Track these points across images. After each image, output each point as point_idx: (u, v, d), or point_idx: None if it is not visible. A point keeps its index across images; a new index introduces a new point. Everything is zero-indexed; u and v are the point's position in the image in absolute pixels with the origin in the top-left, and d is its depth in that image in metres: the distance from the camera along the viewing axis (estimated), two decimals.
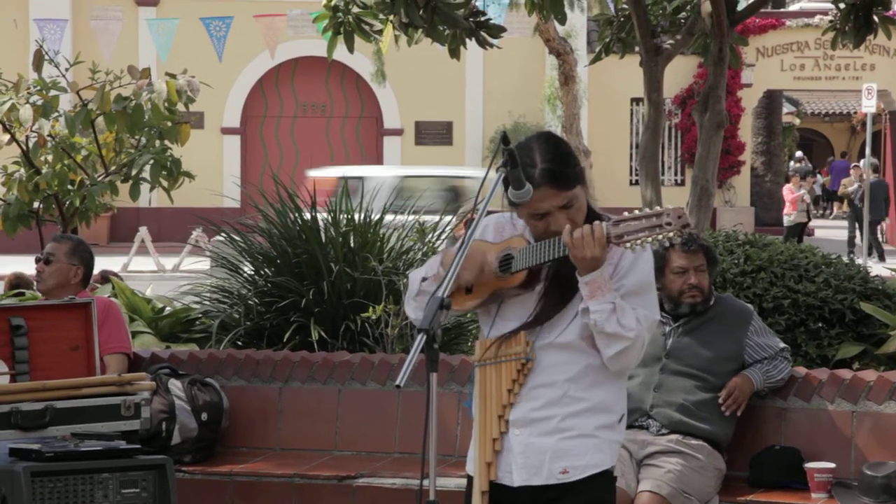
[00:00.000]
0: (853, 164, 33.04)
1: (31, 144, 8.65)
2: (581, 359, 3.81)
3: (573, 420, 3.80)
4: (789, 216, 27.03)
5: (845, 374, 5.94)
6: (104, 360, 6.47)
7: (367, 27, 8.83)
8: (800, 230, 27.73)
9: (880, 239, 27.92)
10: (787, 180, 28.60)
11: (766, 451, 5.76)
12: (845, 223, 28.73)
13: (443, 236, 8.40)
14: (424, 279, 3.94)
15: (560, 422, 3.80)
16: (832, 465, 5.53)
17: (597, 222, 3.72)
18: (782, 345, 5.86)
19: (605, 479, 3.85)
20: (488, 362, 3.87)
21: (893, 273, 8.36)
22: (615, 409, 3.89)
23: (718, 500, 5.61)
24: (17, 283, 9.66)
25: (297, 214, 8.01)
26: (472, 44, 8.95)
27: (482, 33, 8.90)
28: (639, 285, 3.82)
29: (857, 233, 27.45)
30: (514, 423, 3.82)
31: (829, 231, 30.67)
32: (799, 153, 43.30)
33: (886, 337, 6.76)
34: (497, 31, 9.02)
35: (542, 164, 3.79)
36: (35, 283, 6.72)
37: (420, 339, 3.58)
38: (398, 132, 28.99)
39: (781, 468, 5.68)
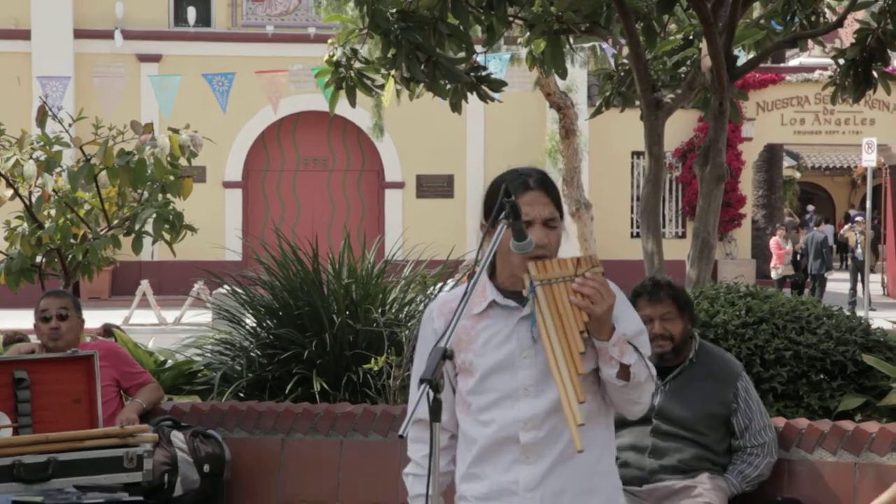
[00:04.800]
0: (856, 217, 33.18)
1: (34, 199, 8.68)
2: (582, 408, 3.78)
3: (581, 474, 3.77)
4: (776, 269, 27.65)
5: (848, 425, 5.93)
6: (139, 395, 6.57)
7: (368, 82, 8.89)
8: (801, 282, 27.96)
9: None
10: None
11: None
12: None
13: (445, 288, 8.41)
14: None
15: (569, 478, 3.76)
16: None
17: (587, 273, 3.71)
18: (765, 438, 5.73)
19: None
20: (555, 280, 3.72)
21: (895, 325, 8.36)
22: (612, 450, 3.89)
23: None
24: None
25: (298, 267, 8.04)
26: (473, 98, 9.00)
27: (483, 87, 8.96)
28: (637, 330, 3.80)
29: (859, 285, 27.57)
30: (524, 488, 3.76)
31: (842, 284, 30.69)
32: (811, 206, 43.47)
33: (888, 389, 6.75)
34: (498, 85, 9.07)
35: (537, 175, 3.82)
36: (50, 340, 6.65)
37: (423, 390, 3.57)
38: (399, 185, 29.07)
39: None
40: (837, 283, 31.12)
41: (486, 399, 3.80)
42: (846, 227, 32.83)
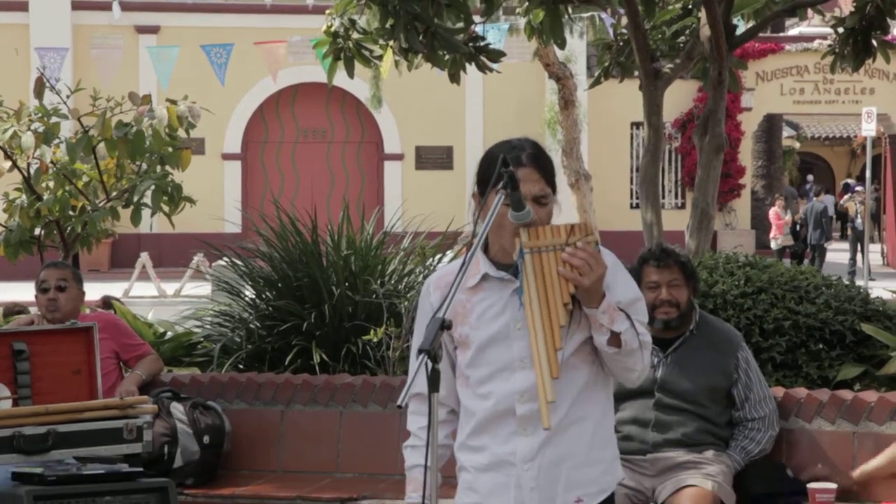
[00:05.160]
0: (856, 187, 33.16)
1: (32, 171, 8.67)
2: (577, 378, 3.78)
3: (579, 444, 3.77)
4: (776, 239, 27.70)
5: (846, 395, 5.94)
6: (138, 366, 6.59)
7: (366, 53, 8.87)
8: (801, 252, 28.00)
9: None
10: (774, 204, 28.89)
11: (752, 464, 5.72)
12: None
13: (444, 260, 8.41)
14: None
15: (567, 448, 3.76)
16: (834, 486, 5.53)
17: (578, 242, 3.70)
18: (765, 410, 5.70)
19: (611, 498, 3.85)
20: (545, 249, 3.70)
21: (894, 294, 8.37)
22: (610, 419, 3.87)
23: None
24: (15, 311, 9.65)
25: (297, 238, 8.04)
26: (471, 68, 8.98)
27: (482, 58, 8.94)
28: (632, 298, 3.79)
29: (859, 255, 27.61)
30: (521, 459, 3.76)
31: (842, 254, 30.64)
32: (810, 177, 43.45)
33: (887, 358, 6.76)
34: (496, 55, 9.05)
35: (530, 150, 3.80)
36: (48, 311, 6.67)
37: (421, 360, 3.57)
38: (399, 157, 29.04)
39: (766, 477, 5.65)
40: (838, 254, 31.11)
41: (483, 372, 3.80)
42: (846, 197, 32.81)
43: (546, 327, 3.66)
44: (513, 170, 3.69)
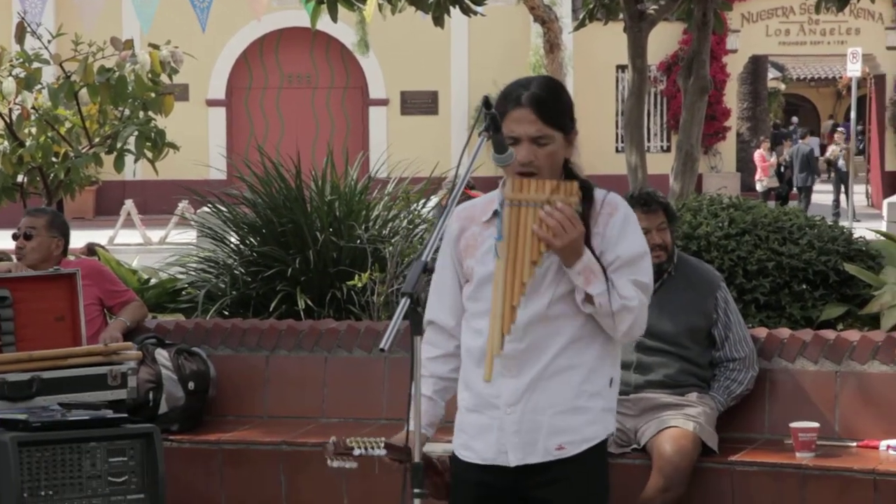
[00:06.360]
0: (837, 129, 33.15)
1: (14, 117, 8.63)
2: (568, 325, 3.76)
3: (565, 392, 3.76)
4: (761, 181, 27.78)
5: (829, 334, 5.96)
6: (122, 313, 6.57)
7: None
8: (785, 194, 28.08)
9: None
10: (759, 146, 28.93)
11: None
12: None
13: (429, 204, 8.40)
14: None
15: (552, 395, 3.75)
16: (816, 425, 5.56)
17: (557, 202, 3.67)
18: (745, 351, 5.74)
19: (599, 450, 3.81)
20: (525, 203, 3.68)
21: (877, 235, 8.38)
22: (606, 372, 3.83)
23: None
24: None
25: (282, 184, 8.01)
26: (456, 12, 8.92)
27: (466, 1, 8.88)
28: (634, 255, 3.76)
29: (843, 196, 27.69)
30: (506, 402, 3.75)
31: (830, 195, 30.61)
32: (795, 118, 43.44)
33: (870, 297, 6.79)
34: None
35: (534, 90, 3.76)
36: (15, 258, 6.70)
37: (404, 303, 3.56)
38: (384, 102, 28.94)
39: None
40: (825, 195, 31.14)
41: (479, 307, 3.80)
42: (832, 146, 32.74)
43: (508, 282, 3.66)
44: (496, 112, 3.68)
